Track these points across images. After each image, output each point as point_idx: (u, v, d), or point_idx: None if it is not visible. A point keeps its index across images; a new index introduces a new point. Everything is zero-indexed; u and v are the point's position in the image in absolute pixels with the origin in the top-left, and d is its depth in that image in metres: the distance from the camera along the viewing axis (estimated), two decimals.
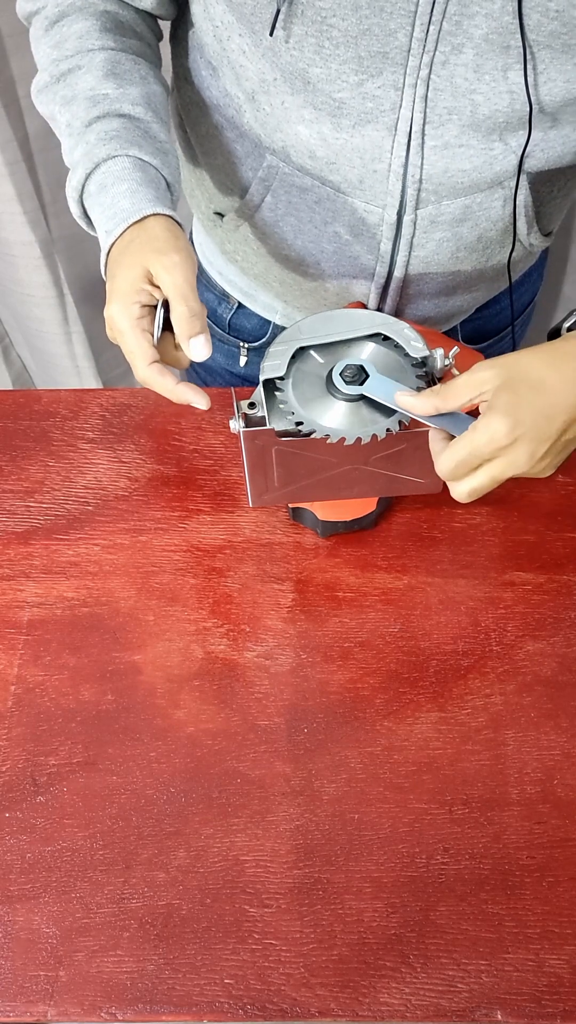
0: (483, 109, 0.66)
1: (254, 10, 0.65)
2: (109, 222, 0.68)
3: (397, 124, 0.68)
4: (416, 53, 0.64)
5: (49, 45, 0.73)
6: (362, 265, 0.80)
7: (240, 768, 0.71)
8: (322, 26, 0.63)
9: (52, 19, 0.73)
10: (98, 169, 0.69)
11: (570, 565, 0.81)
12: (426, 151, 0.69)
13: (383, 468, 0.76)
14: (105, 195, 0.69)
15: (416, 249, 0.77)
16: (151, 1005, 0.62)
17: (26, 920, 0.65)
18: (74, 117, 0.71)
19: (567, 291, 1.47)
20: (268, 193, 0.78)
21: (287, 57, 0.66)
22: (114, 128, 0.69)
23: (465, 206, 0.74)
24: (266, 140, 0.74)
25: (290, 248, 0.82)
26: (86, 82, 0.71)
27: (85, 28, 0.72)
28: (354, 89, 0.66)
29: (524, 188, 0.74)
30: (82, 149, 0.70)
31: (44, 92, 0.74)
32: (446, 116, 0.67)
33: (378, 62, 0.64)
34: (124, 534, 0.83)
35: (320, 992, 0.62)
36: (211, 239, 0.93)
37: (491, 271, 0.84)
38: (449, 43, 0.63)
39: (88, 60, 0.71)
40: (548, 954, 0.64)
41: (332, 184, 0.74)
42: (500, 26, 0.62)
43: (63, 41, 0.72)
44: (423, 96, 0.66)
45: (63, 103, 0.72)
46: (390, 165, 0.71)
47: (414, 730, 0.73)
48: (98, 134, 0.69)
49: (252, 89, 0.71)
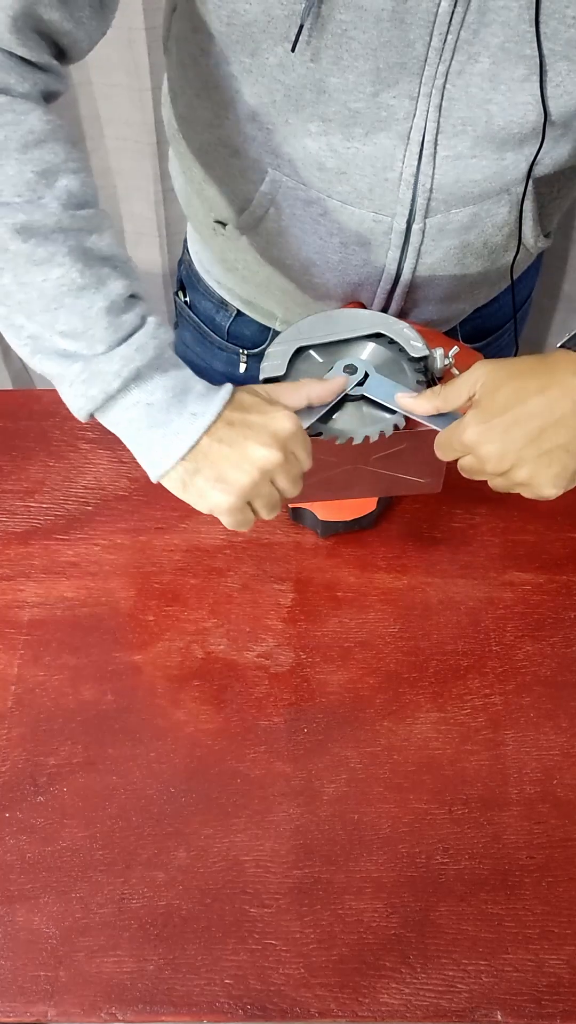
0: (498, 120, 0.66)
1: (266, 27, 0.63)
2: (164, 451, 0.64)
3: (410, 133, 0.67)
4: (432, 63, 0.63)
5: (34, 172, 0.60)
6: (367, 273, 0.80)
7: (240, 768, 0.71)
8: (342, 39, 0.62)
9: (39, 137, 0.61)
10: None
11: (570, 565, 0.81)
12: (438, 161, 0.69)
13: (383, 468, 0.76)
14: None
15: (423, 256, 0.77)
16: (151, 1005, 0.62)
17: (26, 920, 0.65)
18: (101, 285, 0.61)
19: (567, 290, 1.47)
20: (271, 206, 0.77)
21: (301, 71, 0.65)
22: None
23: (473, 214, 0.74)
24: (268, 156, 0.73)
25: (294, 258, 0.82)
26: (105, 243, 0.62)
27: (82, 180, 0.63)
28: (369, 99, 0.66)
29: (531, 193, 0.74)
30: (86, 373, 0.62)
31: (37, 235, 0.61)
32: (460, 127, 0.67)
33: (395, 72, 0.64)
34: (124, 534, 0.83)
35: (320, 992, 0.62)
36: (209, 248, 0.92)
37: (495, 274, 0.84)
38: (466, 52, 0.63)
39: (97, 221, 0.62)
40: (548, 954, 0.64)
41: (340, 195, 0.73)
42: (517, 34, 0.61)
43: (67, 190, 0.61)
44: (437, 106, 0.66)
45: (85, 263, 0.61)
46: (401, 174, 0.70)
47: (414, 730, 0.73)
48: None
49: (252, 109, 0.70)
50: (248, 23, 0.64)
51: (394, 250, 0.76)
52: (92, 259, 0.61)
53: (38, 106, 0.61)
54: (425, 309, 0.85)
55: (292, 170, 0.73)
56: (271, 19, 0.63)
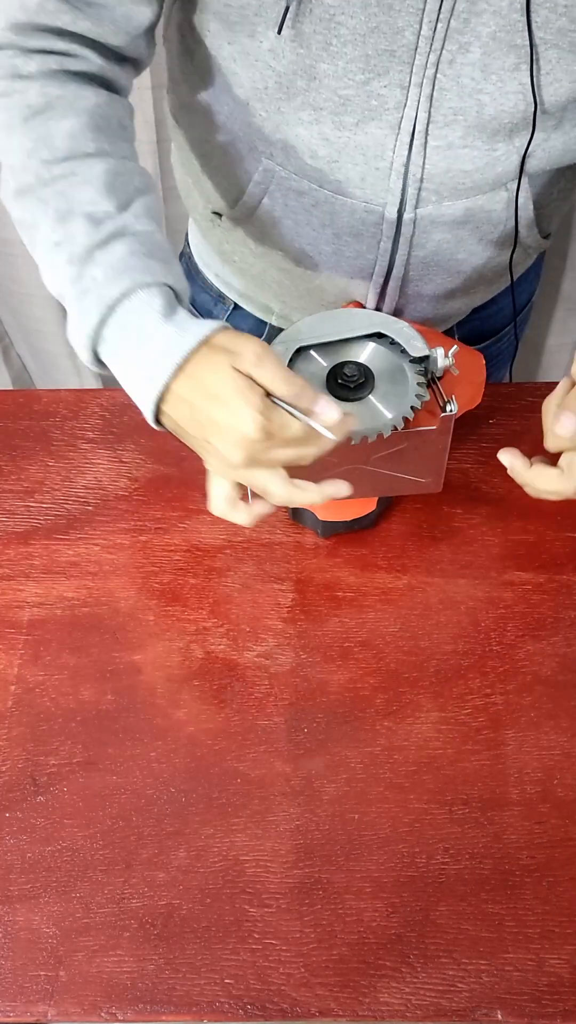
0: (489, 109, 0.66)
1: (258, 10, 0.64)
2: (158, 362, 0.61)
3: (400, 123, 0.68)
4: (423, 52, 0.63)
5: (31, 139, 0.64)
6: (361, 265, 0.80)
7: (240, 768, 0.71)
8: (330, 24, 0.63)
9: (36, 108, 0.64)
10: (115, 311, 0.62)
11: (570, 565, 0.81)
12: (429, 151, 0.69)
13: (383, 468, 0.76)
14: (135, 338, 0.62)
15: (416, 249, 0.77)
16: (151, 1005, 0.62)
17: (26, 920, 0.65)
18: (70, 238, 0.63)
19: (567, 290, 1.47)
20: (265, 196, 0.78)
21: (291, 56, 0.66)
22: (120, 256, 0.62)
23: (466, 208, 0.74)
24: (262, 145, 0.74)
25: (288, 248, 0.82)
26: (84, 194, 0.63)
27: (76, 127, 0.64)
28: (360, 87, 0.66)
29: (525, 190, 0.74)
30: (86, 284, 0.62)
31: (27, 196, 0.65)
32: (451, 116, 0.67)
33: (385, 60, 0.64)
34: (124, 534, 0.83)
35: (320, 992, 0.62)
36: (208, 240, 0.93)
37: (491, 273, 0.84)
38: (456, 41, 0.63)
39: (85, 168, 0.64)
40: (548, 954, 0.64)
41: (332, 184, 0.74)
42: (508, 23, 0.61)
43: (49, 138, 0.64)
44: (428, 95, 0.66)
45: (57, 218, 0.63)
46: (392, 163, 0.70)
47: (414, 730, 0.73)
48: (104, 268, 0.62)
49: (246, 97, 0.71)
50: (243, 5, 0.64)
51: (386, 241, 0.76)
52: (63, 213, 0.64)
53: (36, 82, 0.64)
54: (419, 306, 0.85)
55: (285, 159, 0.74)
56: (262, 3, 0.64)
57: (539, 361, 1.62)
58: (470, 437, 0.88)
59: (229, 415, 0.59)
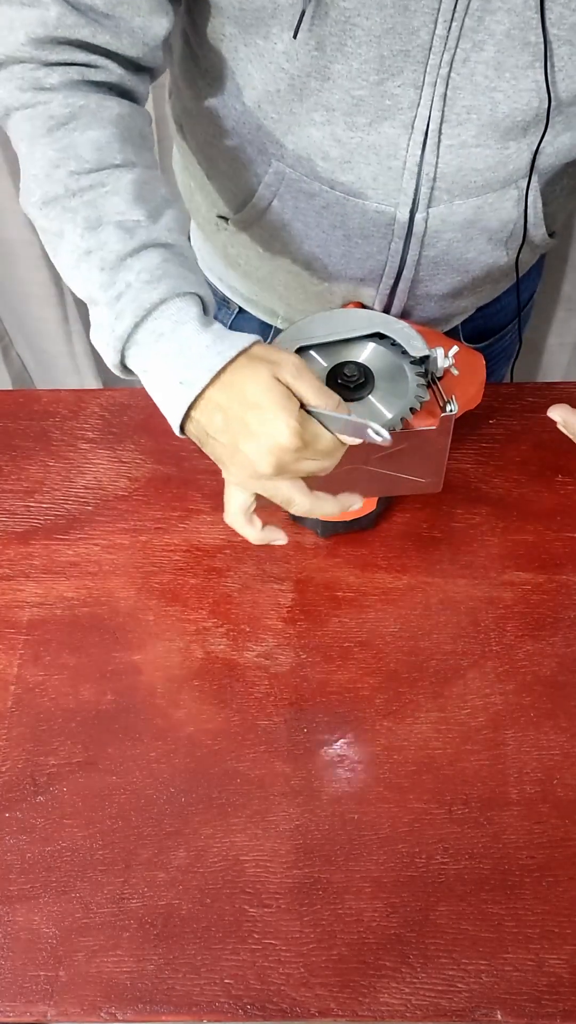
0: (503, 107, 0.66)
1: (274, 13, 0.64)
2: (192, 368, 0.61)
3: (414, 122, 0.68)
4: (437, 51, 0.63)
5: (55, 150, 0.64)
6: (371, 267, 0.80)
7: (240, 768, 0.71)
8: (345, 25, 0.63)
9: (60, 119, 0.64)
10: (151, 315, 0.62)
11: (569, 565, 0.81)
12: (442, 150, 0.69)
13: (383, 468, 0.76)
14: (170, 343, 0.62)
15: (427, 249, 0.77)
16: (151, 1005, 0.62)
17: (26, 920, 0.65)
18: (101, 245, 0.63)
19: (567, 290, 1.47)
20: (275, 198, 0.77)
21: (306, 59, 0.65)
22: (156, 263, 0.63)
23: (477, 207, 0.74)
24: (273, 147, 0.73)
25: (297, 251, 0.82)
26: (115, 205, 0.63)
27: (102, 138, 0.64)
28: (373, 87, 0.66)
29: (535, 187, 0.74)
30: (119, 288, 0.62)
31: (53, 206, 0.65)
32: (465, 115, 0.67)
33: (399, 60, 0.64)
34: (124, 534, 0.83)
35: (320, 992, 0.62)
36: (212, 244, 0.92)
37: (498, 272, 0.84)
38: (471, 40, 0.63)
39: (113, 179, 0.64)
40: (548, 954, 0.64)
41: (343, 186, 0.73)
42: (522, 21, 0.62)
43: (75, 148, 0.64)
44: (442, 95, 0.66)
45: (87, 227, 0.63)
46: (405, 163, 0.70)
47: (414, 730, 0.73)
48: (139, 273, 0.62)
49: (257, 99, 0.71)
50: (258, 8, 0.64)
51: (397, 241, 0.76)
52: (93, 223, 0.64)
53: (58, 93, 0.65)
54: (428, 306, 0.85)
55: (296, 160, 0.73)
56: (277, 6, 0.63)
57: (539, 361, 1.62)
58: (470, 437, 0.88)
59: (266, 423, 0.60)
